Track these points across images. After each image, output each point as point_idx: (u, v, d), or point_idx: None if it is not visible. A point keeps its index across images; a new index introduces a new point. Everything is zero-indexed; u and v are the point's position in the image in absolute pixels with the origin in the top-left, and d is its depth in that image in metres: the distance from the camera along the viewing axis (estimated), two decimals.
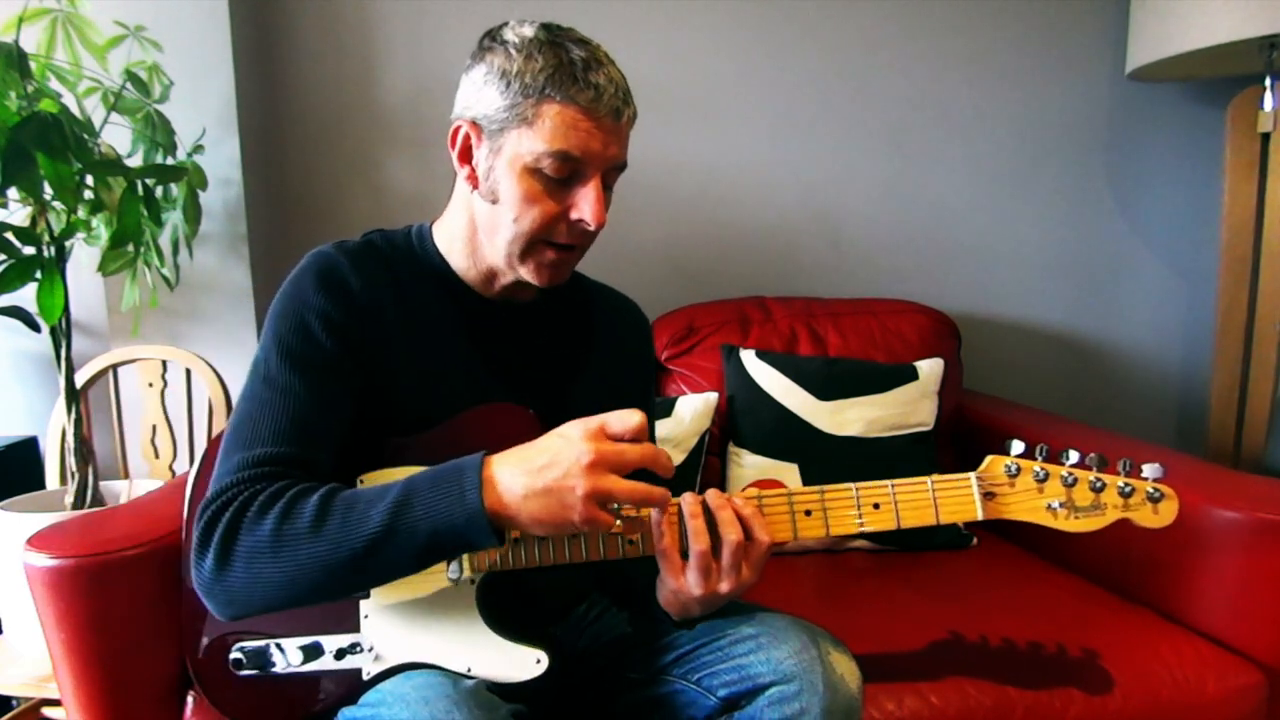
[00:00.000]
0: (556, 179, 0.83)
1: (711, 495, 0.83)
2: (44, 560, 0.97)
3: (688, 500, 0.83)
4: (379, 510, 0.73)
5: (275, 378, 0.82)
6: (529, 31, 0.83)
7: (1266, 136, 1.81)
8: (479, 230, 0.89)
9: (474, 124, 0.85)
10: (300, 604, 0.78)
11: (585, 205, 0.83)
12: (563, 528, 0.73)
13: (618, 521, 0.74)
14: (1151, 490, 0.88)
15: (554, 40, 0.82)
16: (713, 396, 1.64)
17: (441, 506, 0.73)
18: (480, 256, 0.91)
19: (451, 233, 0.93)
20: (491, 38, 0.85)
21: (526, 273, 0.88)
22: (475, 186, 0.88)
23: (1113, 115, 2.07)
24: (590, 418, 0.75)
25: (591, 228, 0.84)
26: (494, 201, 0.86)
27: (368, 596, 0.85)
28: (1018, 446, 0.89)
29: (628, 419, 0.74)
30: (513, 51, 0.82)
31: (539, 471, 0.72)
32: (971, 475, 0.90)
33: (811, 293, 2.00)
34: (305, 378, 0.82)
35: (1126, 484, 0.88)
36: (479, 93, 0.84)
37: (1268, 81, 1.79)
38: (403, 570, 0.76)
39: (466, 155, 0.87)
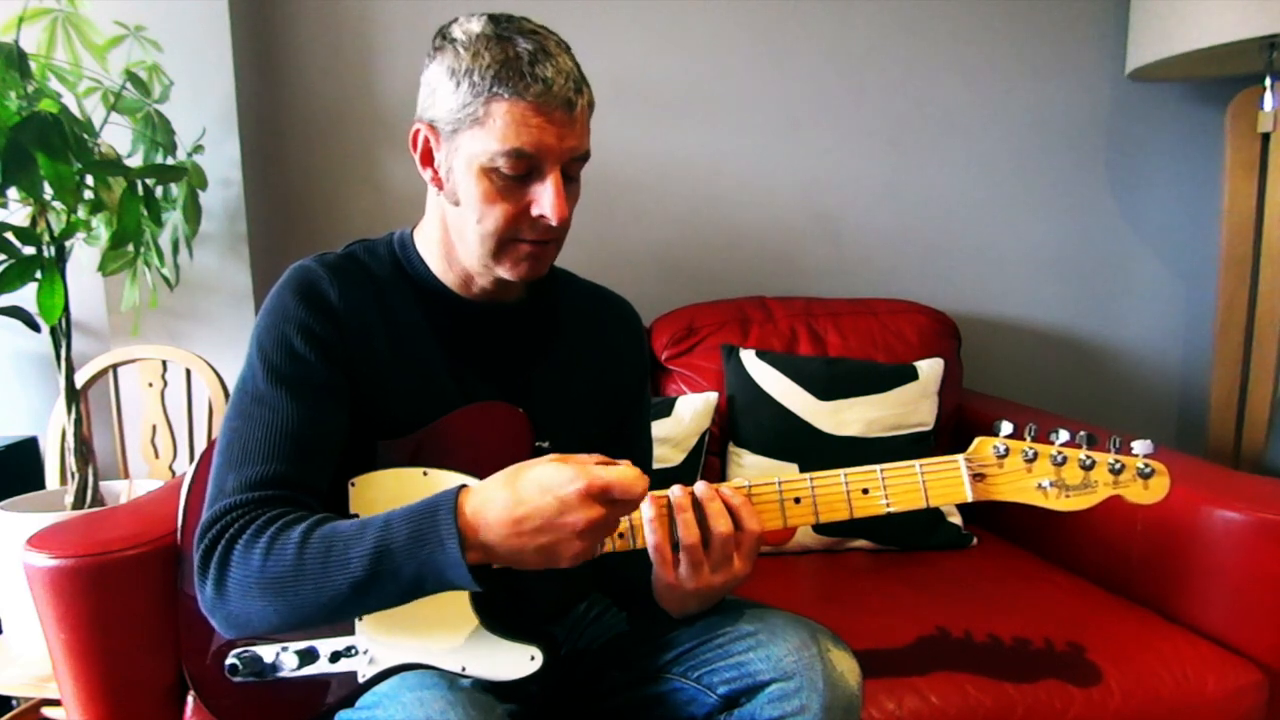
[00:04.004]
0: (514, 177, 0.81)
1: (700, 487, 0.83)
2: (44, 560, 0.96)
3: (676, 494, 0.83)
4: (359, 554, 0.73)
5: (263, 395, 0.82)
6: (476, 27, 0.81)
7: (1266, 136, 1.81)
8: (450, 233, 0.89)
9: (431, 126, 0.85)
10: (297, 630, 0.80)
11: (546, 201, 0.82)
12: (551, 567, 0.75)
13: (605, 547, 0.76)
14: (1142, 466, 0.88)
15: (500, 34, 0.80)
16: (713, 396, 1.64)
17: (423, 555, 0.73)
18: (455, 259, 0.91)
19: (429, 237, 0.92)
20: (442, 36, 0.83)
21: (504, 271, 0.87)
22: (440, 189, 0.87)
23: (1113, 115, 2.07)
24: (594, 473, 0.72)
25: (554, 223, 0.82)
26: (456, 203, 0.85)
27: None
28: (1006, 427, 0.89)
29: (633, 490, 0.72)
30: (460, 50, 0.80)
31: (531, 534, 0.72)
32: (960, 457, 0.89)
33: (811, 293, 2.00)
34: (292, 394, 0.82)
35: (1116, 460, 0.88)
36: (433, 94, 0.83)
37: (1268, 81, 1.79)
38: (390, 606, 0.77)
39: (428, 158, 0.87)
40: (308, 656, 0.84)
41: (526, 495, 0.72)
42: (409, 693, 0.76)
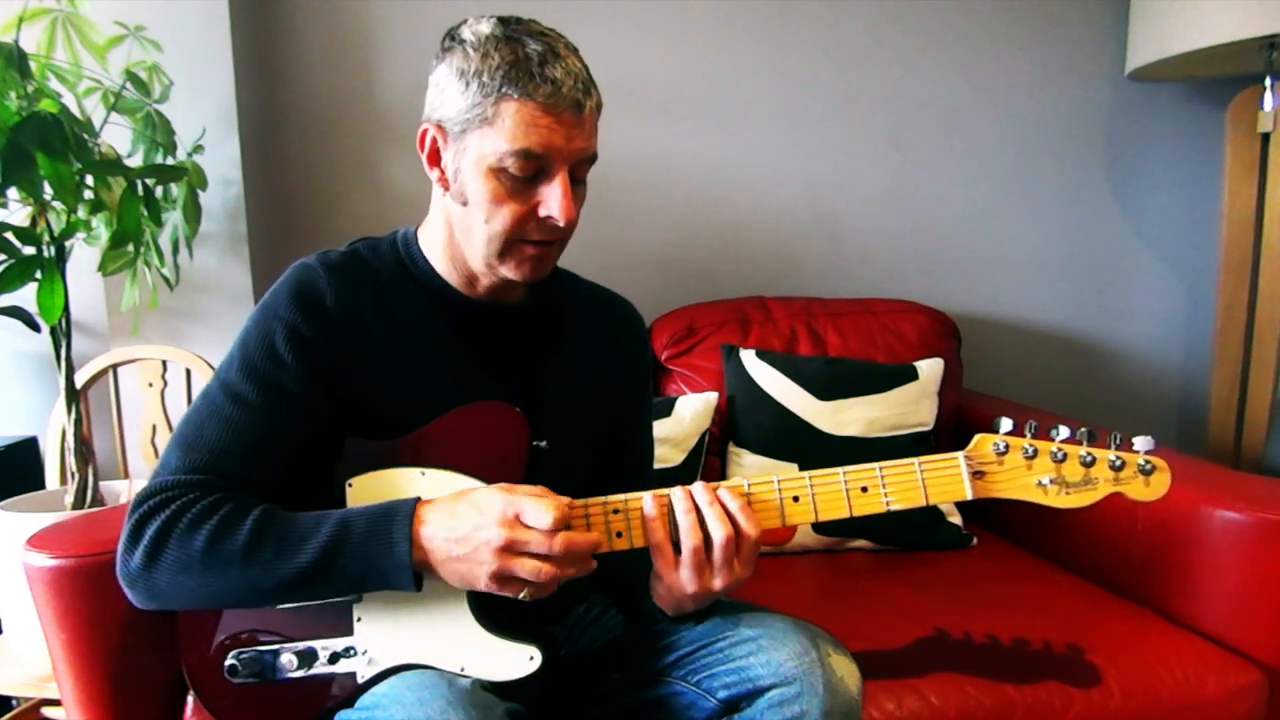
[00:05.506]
0: (522, 177, 0.82)
1: (699, 490, 0.84)
2: (44, 560, 0.97)
3: (678, 495, 0.83)
4: (311, 546, 0.77)
5: (232, 387, 0.83)
6: (485, 28, 0.82)
7: (1266, 136, 1.81)
8: (455, 233, 0.89)
9: (439, 126, 0.85)
10: (226, 609, 0.84)
11: (553, 202, 0.82)
12: (474, 589, 0.78)
13: (523, 595, 0.78)
14: (1143, 463, 0.87)
15: (510, 35, 0.81)
16: (713, 396, 1.64)
17: (371, 553, 0.77)
18: (460, 259, 0.91)
19: (433, 236, 0.92)
20: (451, 37, 0.84)
21: (508, 271, 0.87)
22: (447, 189, 0.87)
23: (1113, 115, 2.07)
24: (513, 498, 0.77)
25: (561, 224, 0.83)
26: (464, 204, 0.85)
27: (360, 600, 0.85)
28: (1006, 424, 0.88)
29: (542, 518, 0.76)
30: (470, 50, 0.81)
31: (456, 542, 0.77)
32: (959, 455, 0.88)
33: (811, 293, 2.00)
34: (261, 393, 0.83)
35: (1118, 457, 0.87)
36: (441, 94, 0.84)
37: (1268, 81, 1.79)
38: (322, 599, 0.82)
39: (435, 158, 0.87)
40: (307, 657, 0.84)
41: (460, 509, 0.78)
42: (409, 693, 0.76)
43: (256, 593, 0.78)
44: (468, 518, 0.77)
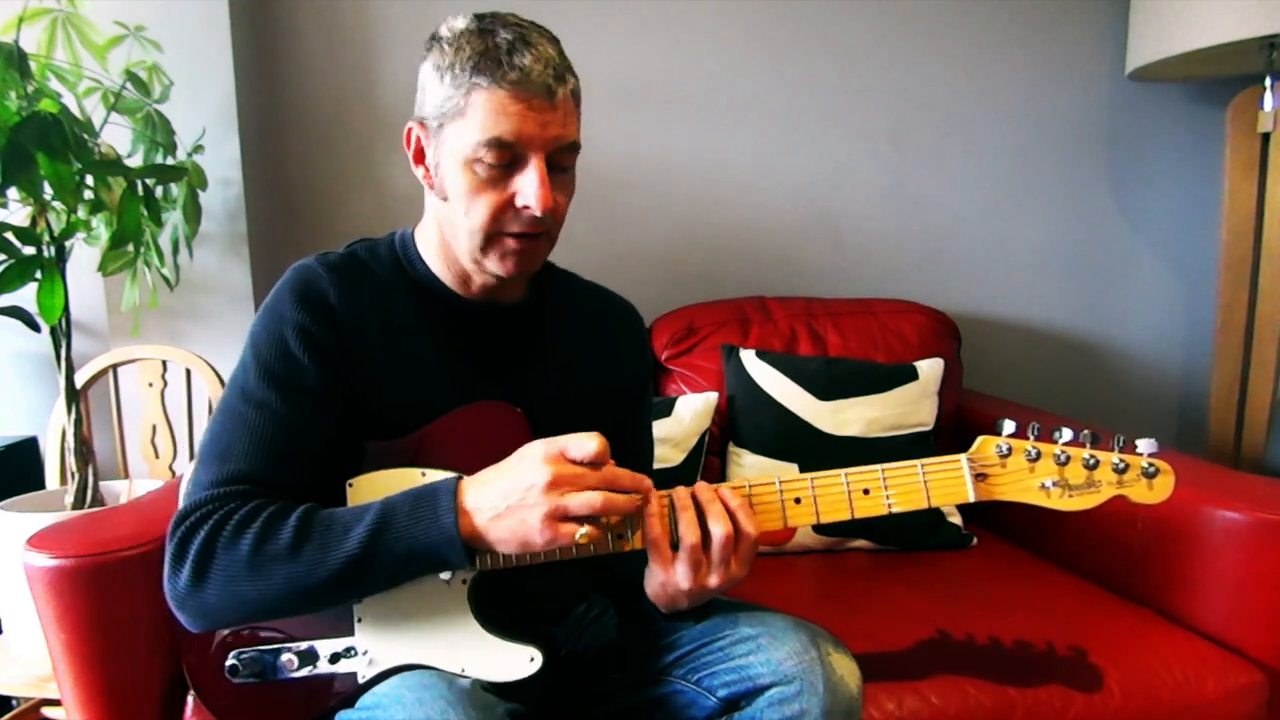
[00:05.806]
0: (498, 167, 0.81)
1: (700, 488, 0.84)
2: (44, 560, 0.97)
3: (679, 493, 0.83)
4: (357, 533, 0.76)
5: (252, 394, 0.83)
6: (461, 24, 0.82)
7: (1266, 136, 1.81)
8: (444, 230, 0.89)
9: (421, 124, 0.86)
10: (274, 618, 0.82)
11: (528, 190, 0.81)
12: (528, 547, 0.76)
13: (581, 532, 0.76)
14: (1146, 465, 0.87)
15: (483, 28, 0.81)
16: (713, 396, 1.64)
17: (418, 530, 0.76)
18: (451, 258, 0.91)
19: (428, 236, 0.92)
20: (433, 36, 0.85)
21: (493, 265, 0.86)
22: (432, 186, 0.87)
23: (1113, 115, 2.07)
24: (554, 439, 0.77)
25: (538, 213, 0.81)
26: (445, 199, 0.85)
27: (359, 600, 0.85)
28: (1009, 426, 0.88)
29: (586, 445, 0.76)
30: (445, 46, 0.81)
31: (504, 495, 0.76)
32: (962, 457, 0.88)
33: (811, 293, 2.00)
34: (281, 396, 0.83)
35: (1121, 460, 0.87)
36: (423, 92, 0.85)
37: (1268, 81, 1.79)
38: (375, 590, 0.81)
39: (420, 156, 0.87)
40: (308, 657, 0.84)
41: (500, 469, 0.78)
42: (409, 693, 0.76)
43: (307, 593, 0.76)
44: (511, 470, 0.77)
